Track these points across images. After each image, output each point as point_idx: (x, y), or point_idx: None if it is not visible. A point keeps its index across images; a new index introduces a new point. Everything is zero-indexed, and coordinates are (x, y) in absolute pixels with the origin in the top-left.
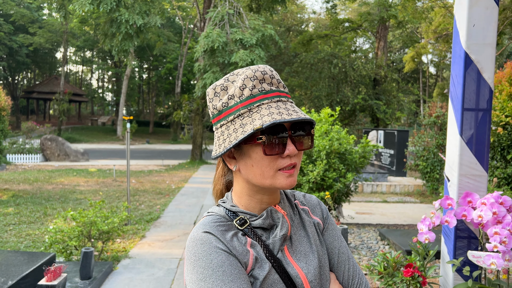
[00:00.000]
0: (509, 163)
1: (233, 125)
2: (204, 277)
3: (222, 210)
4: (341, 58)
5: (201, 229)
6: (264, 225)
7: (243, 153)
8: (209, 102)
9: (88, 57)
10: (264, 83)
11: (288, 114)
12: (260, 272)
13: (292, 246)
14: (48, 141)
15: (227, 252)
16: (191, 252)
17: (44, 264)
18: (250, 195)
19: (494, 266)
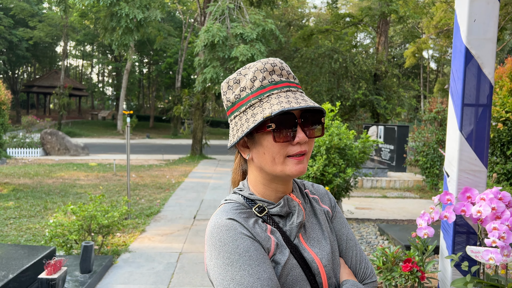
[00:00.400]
0: (508, 158)
1: (245, 115)
2: (231, 262)
3: (240, 198)
4: (341, 53)
5: (224, 216)
6: (281, 213)
7: (255, 142)
8: (223, 95)
9: (88, 51)
10: (274, 74)
11: (296, 102)
12: (281, 257)
13: (306, 233)
14: (48, 135)
15: (252, 238)
16: (215, 238)
17: (44, 258)
18: (264, 184)
19: (492, 261)
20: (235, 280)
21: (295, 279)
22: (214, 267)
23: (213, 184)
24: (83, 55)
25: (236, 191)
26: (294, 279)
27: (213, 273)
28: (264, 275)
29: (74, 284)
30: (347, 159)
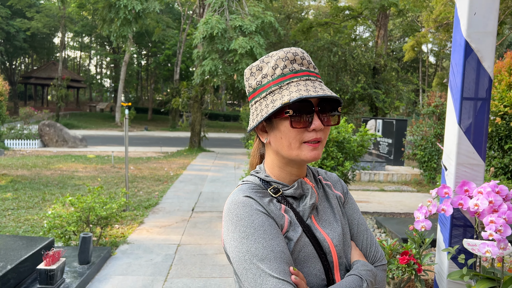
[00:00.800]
0: (506, 153)
1: (265, 101)
2: (247, 235)
3: (256, 180)
4: (341, 47)
5: (241, 193)
6: (295, 194)
7: (273, 127)
8: (246, 81)
9: (86, 42)
10: (295, 63)
11: (315, 91)
12: (294, 234)
13: (318, 215)
14: (46, 127)
15: (266, 214)
16: (233, 213)
17: (42, 249)
18: (280, 167)
19: (489, 254)
20: (250, 252)
21: (307, 256)
22: (230, 241)
23: (212, 177)
24: (81, 47)
25: (253, 173)
26: (306, 256)
27: (229, 246)
28: (277, 248)
29: (73, 275)
30: (345, 152)
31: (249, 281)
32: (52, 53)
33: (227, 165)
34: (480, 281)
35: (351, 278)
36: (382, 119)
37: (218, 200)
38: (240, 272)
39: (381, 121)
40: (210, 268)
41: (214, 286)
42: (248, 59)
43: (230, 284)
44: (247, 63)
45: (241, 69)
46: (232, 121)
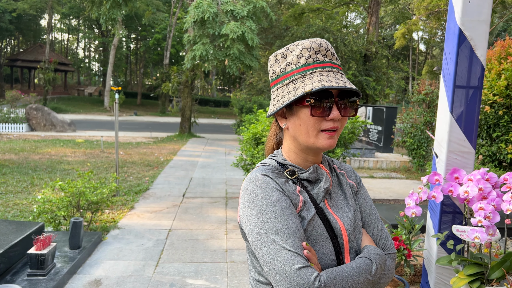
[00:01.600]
0: (494, 141)
1: (287, 88)
2: (263, 210)
3: (274, 162)
4: (332, 33)
5: (259, 173)
6: (310, 178)
7: (293, 113)
8: (270, 68)
9: (74, 25)
10: (319, 54)
11: (336, 82)
12: (308, 214)
13: (331, 200)
14: (33, 110)
15: (282, 192)
16: (250, 190)
17: (33, 234)
18: (296, 153)
19: (477, 240)
20: (265, 226)
21: (318, 236)
22: (247, 216)
23: (202, 163)
24: (69, 29)
25: (270, 157)
26: (317, 236)
27: (245, 221)
28: (291, 224)
29: (64, 259)
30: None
31: (263, 253)
32: (39, 35)
33: (217, 151)
34: (468, 266)
35: (361, 259)
36: (372, 107)
37: (209, 186)
38: (255, 245)
39: (371, 109)
40: (202, 253)
41: (205, 270)
42: (240, 44)
43: (222, 269)
44: (239, 48)
45: (232, 54)
46: (223, 107)
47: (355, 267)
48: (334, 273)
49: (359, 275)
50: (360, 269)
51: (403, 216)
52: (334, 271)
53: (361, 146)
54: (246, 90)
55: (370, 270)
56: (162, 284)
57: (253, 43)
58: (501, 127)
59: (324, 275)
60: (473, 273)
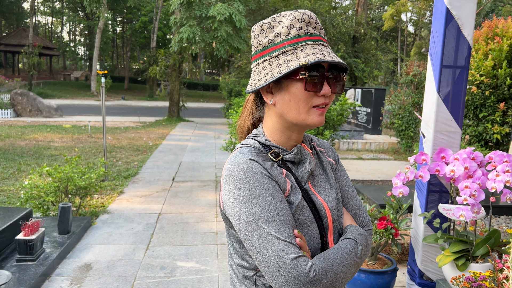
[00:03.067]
0: (480, 121)
1: (276, 60)
2: (252, 198)
3: (256, 143)
4: (321, 14)
5: (244, 156)
6: (294, 159)
7: (282, 88)
8: (255, 38)
9: (58, 8)
10: (310, 26)
11: (330, 56)
12: (295, 198)
13: (314, 181)
14: (18, 96)
15: (271, 178)
16: (236, 176)
17: (21, 219)
18: (281, 131)
19: (463, 218)
20: (255, 215)
21: (305, 220)
22: (233, 203)
23: (191, 147)
24: (53, 12)
25: (251, 137)
26: (304, 220)
27: (231, 209)
28: (282, 211)
29: (53, 245)
30: (325, 121)
31: (253, 243)
32: (22, 18)
33: (207, 135)
34: (454, 243)
35: (347, 241)
36: (361, 89)
37: (199, 169)
38: (244, 234)
39: (360, 91)
40: (192, 236)
41: (196, 253)
42: (227, 26)
43: (212, 251)
44: (226, 30)
45: (219, 36)
46: (212, 90)
47: (343, 251)
48: (326, 260)
49: (347, 258)
50: (348, 252)
51: (390, 196)
52: (326, 258)
53: (350, 128)
54: (235, 73)
55: (356, 252)
56: (152, 267)
57: (241, 25)
58: (487, 107)
59: (317, 263)
60: (459, 250)
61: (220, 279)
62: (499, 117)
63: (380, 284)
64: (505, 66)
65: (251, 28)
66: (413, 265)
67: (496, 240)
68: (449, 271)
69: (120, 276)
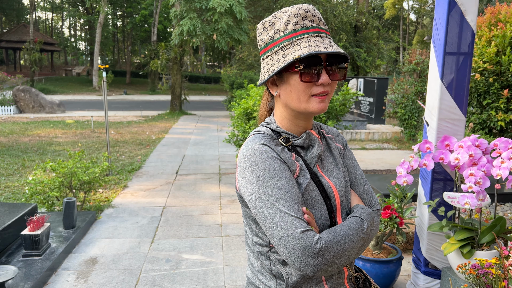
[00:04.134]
0: (484, 108)
1: (276, 55)
2: (263, 179)
3: (268, 130)
4: (322, 4)
5: (257, 141)
6: (303, 144)
7: (284, 80)
8: (258, 36)
9: (58, 3)
10: (306, 20)
11: (324, 47)
12: (304, 180)
13: (322, 165)
14: (21, 92)
15: (281, 160)
16: (250, 159)
17: (26, 215)
18: (289, 119)
19: (468, 205)
20: (267, 193)
21: (314, 199)
22: (247, 184)
23: (194, 140)
24: (53, 8)
25: (264, 125)
26: (313, 199)
27: (245, 189)
28: (292, 190)
29: (58, 239)
30: (328, 111)
31: (265, 219)
32: (22, 15)
33: (209, 128)
34: (459, 231)
35: (354, 219)
36: (363, 78)
37: (202, 162)
38: (257, 211)
39: (363, 80)
40: (197, 229)
41: (201, 245)
42: (228, 18)
43: (217, 243)
44: (227, 22)
45: (220, 28)
46: (213, 83)
47: (349, 227)
48: (332, 234)
49: (353, 233)
50: (353, 228)
51: (394, 185)
52: (332, 232)
53: (352, 118)
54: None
55: (362, 228)
56: (158, 260)
57: (241, 17)
58: (491, 94)
59: (324, 236)
60: (464, 238)
61: (226, 270)
62: (503, 104)
63: (386, 273)
64: (509, 53)
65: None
66: (418, 254)
67: (501, 227)
68: (454, 259)
69: (126, 270)
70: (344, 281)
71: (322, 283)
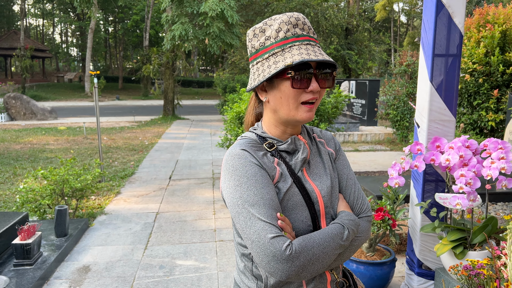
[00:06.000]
0: (475, 109)
1: (267, 62)
2: (240, 183)
3: (253, 135)
4: (313, 7)
5: (238, 147)
6: (288, 149)
7: (274, 87)
8: (249, 42)
9: (49, 9)
10: (297, 28)
11: (315, 55)
12: (284, 185)
13: (309, 169)
14: (12, 99)
15: (259, 166)
16: (229, 164)
17: (17, 224)
18: (276, 125)
19: (459, 206)
20: (242, 198)
21: (295, 204)
22: (226, 188)
23: (188, 144)
24: (43, 14)
25: (251, 130)
26: (294, 204)
27: (225, 193)
28: (267, 196)
29: (50, 248)
30: (320, 114)
31: (240, 223)
32: (13, 21)
33: (203, 132)
34: (451, 232)
35: (334, 226)
36: (355, 80)
37: (195, 167)
38: (234, 215)
39: (355, 82)
40: (190, 234)
41: (195, 251)
42: (219, 22)
43: (211, 249)
44: (219, 26)
45: (212, 33)
46: (206, 87)
47: (326, 233)
48: (306, 240)
49: (330, 240)
50: (331, 235)
51: (386, 187)
52: (306, 238)
53: (345, 121)
54: (228, 69)
55: (341, 236)
56: (151, 267)
57: (233, 21)
58: (481, 94)
59: (296, 243)
60: (456, 238)
61: (220, 276)
62: (493, 104)
63: (379, 275)
64: (498, 53)
65: (246, 33)
66: (411, 255)
67: (493, 227)
68: (447, 259)
69: (119, 277)
70: (327, 286)
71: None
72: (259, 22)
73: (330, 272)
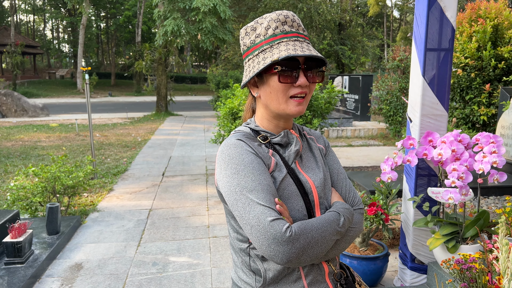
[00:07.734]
0: (467, 103)
1: (257, 58)
2: (237, 171)
3: (247, 129)
4: (306, 3)
5: (233, 138)
6: (281, 142)
7: (264, 82)
8: (241, 40)
9: (39, 5)
10: (286, 25)
11: (301, 50)
12: (279, 174)
13: (302, 162)
14: (3, 96)
15: (255, 154)
16: (225, 153)
17: (7, 222)
18: (268, 120)
19: (451, 200)
20: (240, 185)
21: (290, 194)
22: (223, 177)
23: (181, 141)
24: (34, 10)
25: (244, 124)
26: (289, 193)
27: (222, 183)
28: (264, 182)
29: (42, 246)
30: (313, 110)
31: (239, 209)
32: (3, 17)
33: (196, 128)
34: (444, 226)
35: (330, 213)
36: (348, 76)
37: (189, 163)
38: (231, 203)
39: (348, 78)
40: (184, 231)
41: (188, 247)
42: (212, 18)
43: (204, 245)
44: (211, 21)
45: (204, 28)
46: (199, 83)
47: (324, 219)
48: (304, 224)
49: (327, 225)
50: (328, 221)
51: (379, 181)
52: (304, 223)
53: (338, 116)
54: (222, 65)
55: (338, 222)
56: (144, 264)
57: (225, 16)
58: (473, 89)
59: (295, 225)
60: (449, 232)
61: (213, 272)
62: (485, 99)
63: (373, 270)
64: (490, 48)
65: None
66: (404, 250)
67: (485, 221)
68: (440, 253)
69: (112, 274)
70: (325, 277)
71: (301, 279)
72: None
73: (327, 264)
